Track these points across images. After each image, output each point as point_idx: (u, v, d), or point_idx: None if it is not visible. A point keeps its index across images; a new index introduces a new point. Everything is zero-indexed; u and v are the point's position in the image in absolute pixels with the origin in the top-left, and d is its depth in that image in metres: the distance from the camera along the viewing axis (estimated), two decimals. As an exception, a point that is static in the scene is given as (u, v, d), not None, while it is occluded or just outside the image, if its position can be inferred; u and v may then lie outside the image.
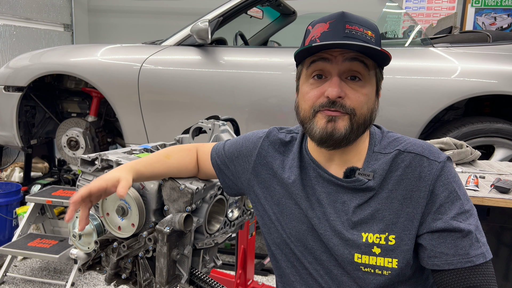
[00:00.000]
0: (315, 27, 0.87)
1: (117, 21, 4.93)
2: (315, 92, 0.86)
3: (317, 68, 0.86)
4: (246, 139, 1.09)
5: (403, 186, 0.86)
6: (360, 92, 0.85)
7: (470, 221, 0.82)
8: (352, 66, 0.84)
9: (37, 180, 3.30)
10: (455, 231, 0.80)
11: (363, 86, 0.85)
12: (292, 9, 3.45)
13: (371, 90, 0.87)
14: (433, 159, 0.86)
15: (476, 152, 1.85)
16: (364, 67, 0.84)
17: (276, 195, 0.99)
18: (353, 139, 0.87)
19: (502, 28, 4.05)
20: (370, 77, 0.86)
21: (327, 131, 0.85)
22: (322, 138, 0.86)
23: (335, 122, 0.84)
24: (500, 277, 1.55)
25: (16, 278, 2.45)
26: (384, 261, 0.85)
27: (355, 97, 0.84)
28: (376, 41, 0.85)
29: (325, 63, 0.84)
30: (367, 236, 0.86)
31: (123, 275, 1.19)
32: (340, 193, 0.91)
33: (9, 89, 2.85)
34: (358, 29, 0.83)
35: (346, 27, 0.83)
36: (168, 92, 2.61)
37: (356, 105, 0.84)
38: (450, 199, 0.83)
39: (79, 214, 1.21)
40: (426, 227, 0.83)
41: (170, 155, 1.11)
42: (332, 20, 0.84)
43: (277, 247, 1.00)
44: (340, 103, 0.83)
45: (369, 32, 0.84)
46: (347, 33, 0.82)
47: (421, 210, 0.84)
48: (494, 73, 2.21)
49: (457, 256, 0.80)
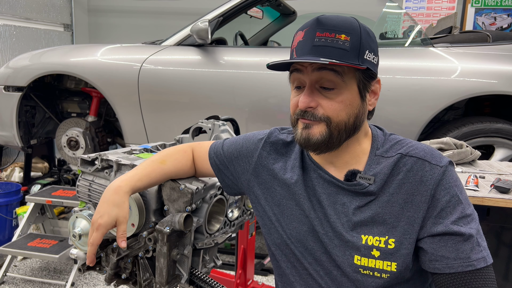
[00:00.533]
0: (296, 34, 0.89)
1: (117, 21, 4.93)
2: (294, 101, 0.90)
3: (295, 78, 0.89)
4: (246, 140, 1.08)
5: (404, 190, 0.86)
6: (335, 100, 0.85)
7: (471, 225, 0.82)
8: (323, 75, 0.84)
9: (37, 180, 3.30)
10: (456, 235, 0.80)
11: (338, 93, 0.85)
12: (292, 9, 3.45)
13: (349, 96, 0.85)
14: (435, 163, 0.86)
15: (476, 152, 1.85)
16: (336, 75, 0.83)
17: (277, 196, 0.99)
18: (337, 143, 0.88)
19: (502, 28, 4.05)
20: (346, 83, 0.84)
21: (303, 137, 0.88)
22: (301, 144, 0.90)
23: (309, 129, 0.87)
24: (500, 277, 1.55)
25: (16, 278, 2.45)
26: (383, 264, 0.85)
27: (328, 105, 0.85)
28: (352, 44, 0.83)
29: (299, 74, 0.87)
30: (366, 239, 0.87)
31: (123, 275, 1.19)
32: (340, 195, 0.91)
33: (9, 89, 2.85)
34: (329, 35, 0.82)
35: (316, 35, 0.83)
36: (168, 92, 2.61)
37: (330, 113, 0.85)
38: (452, 203, 0.83)
39: (79, 214, 1.21)
40: (427, 231, 0.83)
41: (165, 160, 1.10)
42: (307, 28, 0.85)
43: (277, 247, 1.00)
44: (311, 112, 0.86)
45: (343, 36, 0.82)
46: (316, 42, 0.83)
47: (422, 214, 0.84)
48: (494, 73, 2.21)
49: (458, 260, 0.80)
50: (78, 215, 1.22)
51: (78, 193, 1.28)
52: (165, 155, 1.12)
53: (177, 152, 1.14)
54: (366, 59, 0.85)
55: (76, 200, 2.42)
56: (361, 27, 0.85)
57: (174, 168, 1.11)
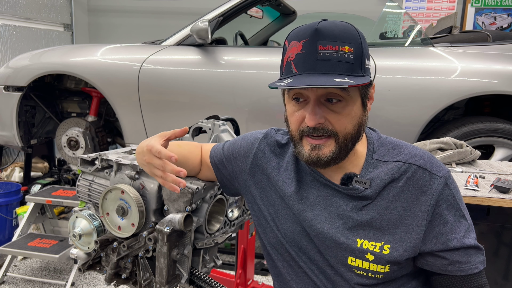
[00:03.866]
0: (290, 44, 0.84)
1: (117, 21, 4.92)
2: (297, 116, 0.86)
3: (296, 92, 0.85)
4: (244, 140, 1.09)
5: (404, 197, 0.87)
6: (341, 114, 0.83)
7: (473, 234, 0.89)
8: (329, 90, 0.82)
9: (37, 180, 3.30)
10: (467, 248, 0.87)
11: (344, 106, 0.83)
12: (292, 9, 3.45)
13: (354, 107, 0.85)
14: (435, 173, 0.87)
15: (476, 152, 1.85)
16: (342, 90, 0.82)
17: (272, 196, 1.00)
18: (344, 155, 0.88)
19: (502, 28, 4.05)
20: (351, 96, 0.83)
21: (312, 158, 0.86)
22: (309, 163, 0.88)
23: (319, 150, 0.85)
24: (500, 277, 1.55)
25: (16, 278, 2.45)
26: (377, 267, 0.87)
27: (335, 120, 0.83)
28: (355, 55, 0.81)
29: (303, 89, 0.83)
30: (362, 242, 0.87)
31: (123, 275, 1.19)
32: (335, 198, 0.92)
33: (9, 89, 2.85)
34: (332, 48, 0.79)
35: (319, 48, 0.79)
36: (168, 92, 2.61)
37: (338, 127, 0.84)
38: (457, 217, 0.87)
39: (79, 214, 1.21)
40: (438, 245, 0.86)
41: (181, 145, 1.12)
42: (305, 39, 0.81)
43: (272, 247, 1.01)
44: (322, 127, 0.83)
45: (346, 48, 0.80)
46: (320, 56, 0.79)
47: (421, 223, 0.86)
48: (494, 73, 2.21)
49: (468, 264, 0.86)
50: (78, 215, 1.22)
51: (78, 193, 1.28)
52: (180, 142, 1.15)
53: (190, 143, 1.17)
54: (367, 68, 0.85)
55: (76, 200, 2.42)
56: (359, 34, 0.84)
57: (188, 153, 1.12)
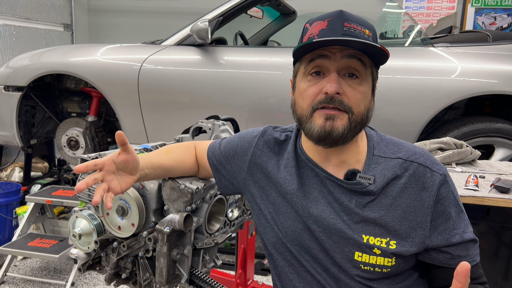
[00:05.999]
0: (313, 24, 0.87)
1: (117, 21, 4.92)
2: (313, 89, 0.86)
3: (316, 65, 0.86)
4: (241, 138, 1.09)
5: (407, 194, 0.88)
6: (357, 90, 0.86)
7: (470, 227, 0.92)
8: (350, 63, 0.85)
9: (37, 180, 3.30)
10: (467, 242, 0.90)
11: (360, 83, 0.86)
12: (292, 8, 3.45)
13: (367, 89, 0.88)
14: (436, 170, 0.89)
15: (476, 152, 1.85)
16: (362, 65, 0.85)
17: (272, 195, 0.99)
18: (350, 137, 0.88)
19: (502, 28, 4.05)
20: (367, 76, 0.87)
21: (325, 129, 0.85)
22: (320, 136, 0.86)
23: (334, 120, 0.85)
24: (500, 277, 1.55)
25: (16, 278, 2.45)
26: (384, 261, 0.88)
27: (352, 94, 0.85)
28: (373, 40, 0.86)
29: (324, 60, 0.85)
30: (368, 238, 0.88)
31: (123, 275, 1.19)
32: (338, 193, 0.91)
33: (9, 89, 2.85)
34: (356, 27, 0.84)
35: (344, 25, 0.84)
36: (168, 92, 2.61)
37: (353, 103, 0.85)
38: (457, 213, 0.90)
39: (79, 214, 1.21)
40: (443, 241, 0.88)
41: (171, 150, 1.12)
42: (331, 18, 0.85)
43: (273, 246, 1.00)
44: (339, 99, 0.84)
45: (367, 31, 0.85)
46: (346, 31, 0.83)
47: (425, 219, 0.87)
48: (494, 73, 2.21)
49: (467, 257, 0.89)
50: (78, 215, 1.22)
51: (78, 193, 1.28)
52: (171, 146, 1.15)
53: (181, 146, 1.16)
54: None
55: (76, 200, 2.42)
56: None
57: (179, 158, 1.11)
